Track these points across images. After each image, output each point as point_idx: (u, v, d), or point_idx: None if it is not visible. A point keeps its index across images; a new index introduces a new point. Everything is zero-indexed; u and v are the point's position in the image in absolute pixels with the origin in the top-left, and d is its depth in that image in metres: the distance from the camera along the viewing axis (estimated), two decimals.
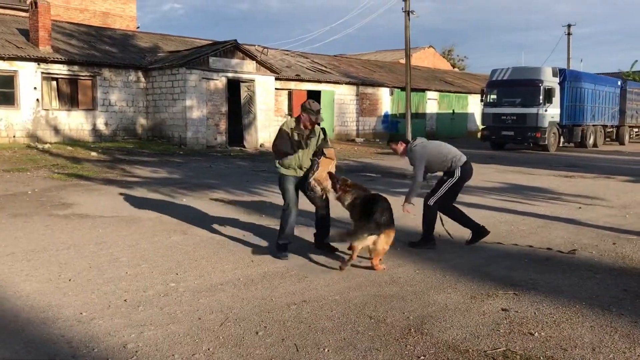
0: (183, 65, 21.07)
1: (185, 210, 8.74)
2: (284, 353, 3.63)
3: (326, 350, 3.67)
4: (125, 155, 17.80)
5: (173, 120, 21.68)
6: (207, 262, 5.78)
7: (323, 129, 6.24)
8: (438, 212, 6.51)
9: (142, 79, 22.44)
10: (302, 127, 5.99)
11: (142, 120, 22.51)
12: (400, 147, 6.58)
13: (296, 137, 5.95)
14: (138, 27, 34.16)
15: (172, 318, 4.20)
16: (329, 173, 6.05)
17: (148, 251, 6.18)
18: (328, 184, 6.02)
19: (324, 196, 6.14)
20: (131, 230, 7.28)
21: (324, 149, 6.06)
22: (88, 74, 20.83)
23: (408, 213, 6.42)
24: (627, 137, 31.19)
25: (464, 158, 6.47)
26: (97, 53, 22.05)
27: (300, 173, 6.06)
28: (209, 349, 3.67)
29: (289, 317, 4.24)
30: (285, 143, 5.95)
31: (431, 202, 6.46)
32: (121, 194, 10.40)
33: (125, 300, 4.57)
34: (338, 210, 6.49)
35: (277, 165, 6.13)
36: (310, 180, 5.96)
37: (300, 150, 5.94)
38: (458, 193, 6.63)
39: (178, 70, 21.25)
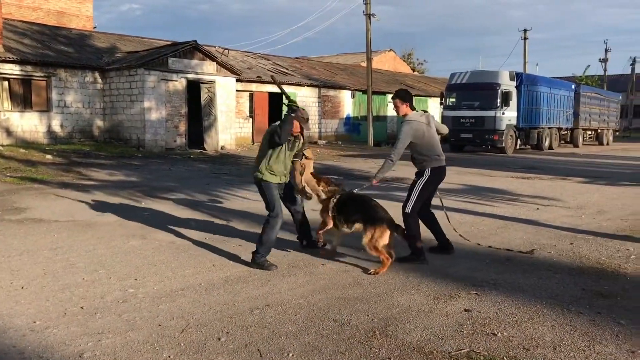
0: (141, 66, 20.67)
1: (144, 214, 8.55)
2: (248, 359, 3.55)
3: (290, 355, 3.61)
4: (81, 157, 17.35)
5: (131, 122, 21.25)
6: (167, 267, 5.65)
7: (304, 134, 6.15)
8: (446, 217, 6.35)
9: (99, 80, 21.93)
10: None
11: (99, 122, 21.99)
12: (403, 108, 6.12)
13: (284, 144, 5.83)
14: (95, 27, 33.36)
15: (131, 325, 4.07)
16: (314, 175, 6.12)
17: (105, 256, 6.01)
18: (314, 186, 6.04)
19: (308, 197, 6.18)
20: (88, 235, 7.06)
21: (303, 151, 6.06)
22: (42, 75, 20.22)
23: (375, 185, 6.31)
24: (581, 140, 32.08)
25: (441, 163, 6.16)
26: (51, 53, 21.43)
27: (284, 179, 5.95)
28: (169, 357, 3.57)
29: (252, 322, 4.17)
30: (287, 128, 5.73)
31: (407, 208, 6.05)
32: (77, 197, 10.12)
33: (81, 308, 4.41)
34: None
35: (263, 171, 5.77)
36: (299, 184, 6.00)
37: (287, 152, 5.85)
38: (431, 196, 6.36)
39: (136, 71, 20.84)
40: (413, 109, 6.21)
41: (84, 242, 6.63)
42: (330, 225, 5.97)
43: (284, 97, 6.06)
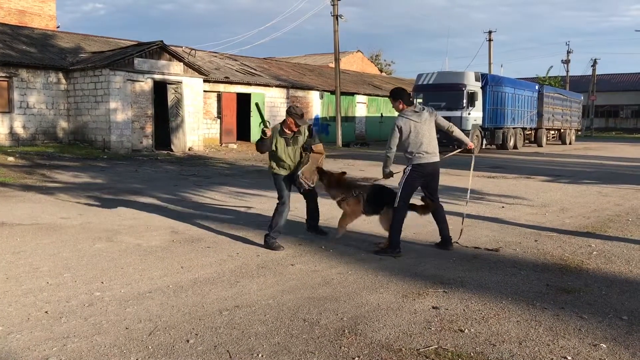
0: (107, 66, 20.36)
1: (110, 217, 8.42)
2: None
3: (260, 355, 3.60)
4: (45, 159, 16.99)
5: (96, 123, 20.90)
6: (134, 269, 5.57)
7: (309, 127, 6.69)
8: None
9: (63, 81, 21.52)
10: (286, 130, 6.44)
11: (63, 124, 21.57)
12: (397, 105, 6.36)
13: (283, 140, 6.45)
14: (58, 27, 32.70)
15: (98, 329, 4.01)
16: (318, 168, 6.51)
17: (71, 260, 5.90)
18: (315, 177, 6.49)
19: (311, 188, 6.67)
20: (52, 238, 6.92)
21: (312, 145, 6.54)
22: (3, 75, 19.75)
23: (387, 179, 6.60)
24: (544, 139, 32.76)
25: (425, 160, 6.24)
26: (13, 53, 20.93)
27: (293, 170, 6.58)
28: None
29: (221, 323, 4.14)
30: (264, 143, 6.42)
31: (395, 203, 6.27)
32: (41, 200, 9.90)
33: (46, 312, 4.32)
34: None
35: (273, 165, 6.59)
36: (298, 173, 6.43)
37: (289, 147, 6.48)
38: (431, 190, 6.47)
39: (101, 72, 20.51)
40: (410, 104, 6.40)
41: (48, 246, 6.49)
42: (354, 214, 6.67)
43: (261, 121, 6.57)
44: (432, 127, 6.38)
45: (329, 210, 7.83)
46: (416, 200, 6.61)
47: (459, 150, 7.10)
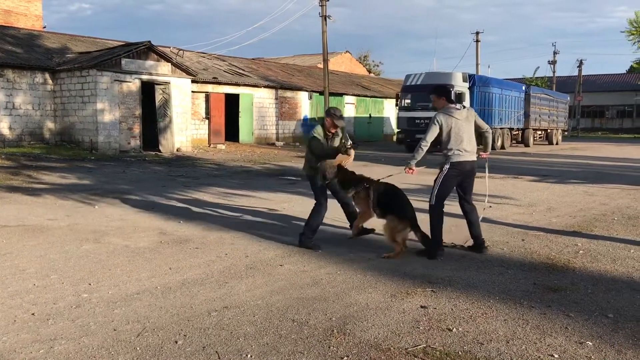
0: (94, 66, 20.23)
1: (98, 218, 8.37)
2: None
3: (249, 356, 3.60)
4: (31, 161, 16.85)
5: (83, 124, 20.76)
6: (122, 271, 5.55)
7: (342, 129, 6.90)
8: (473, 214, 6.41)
9: (50, 81, 21.35)
10: (326, 131, 6.72)
11: (50, 125, 21.40)
12: (438, 101, 6.40)
13: (326, 141, 6.74)
14: (44, 27, 32.42)
15: (85, 330, 3.98)
16: (339, 165, 6.61)
17: (58, 261, 5.85)
18: (333, 172, 6.60)
19: (328, 181, 6.77)
20: (39, 239, 6.87)
21: (347, 150, 6.65)
22: None
23: (409, 173, 6.58)
24: (531, 139, 32.97)
25: (463, 158, 6.21)
26: None
27: None
28: None
29: (210, 324, 4.13)
30: (323, 146, 6.70)
31: (431, 200, 6.30)
32: (27, 201, 9.82)
33: (32, 314, 4.29)
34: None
35: (311, 166, 6.77)
36: (321, 163, 6.60)
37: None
38: (465, 190, 6.43)
39: (88, 72, 20.37)
40: (451, 102, 6.44)
41: (34, 247, 6.44)
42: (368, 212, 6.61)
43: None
44: (472, 126, 6.39)
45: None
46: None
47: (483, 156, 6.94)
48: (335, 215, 7.46)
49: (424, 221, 6.45)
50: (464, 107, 6.50)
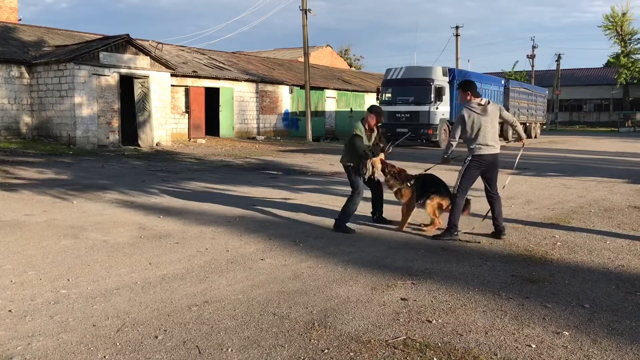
0: (71, 60, 19.93)
1: (76, 213, 8.28)
2: (186, 356, 3.52)
3: (230, 350, 3.60)
4: (7, 156, 16.57)
5: (61, 118, 20.47)
6: (101, 266, 5.50)
7: (377, 127, 7.48)
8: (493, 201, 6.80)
9: (26, 75, 20.99)
10: (367, 127, 7.29)
11: (26, 119, 21.06)
12: (463, 96, 6.73)
13: (365, 137, 7.24)
14: (20, 20, 31.84)
15: (64, 326, 3.95)
16: (382, 160, 7.32)
17: (36, 257, 5.78)
18: (378, 167, 7.31)
19: (375, 179, 7.50)
20: (16, 235, 6.77)
21: (383, 150, 7.42)
22: None
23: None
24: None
25: (485, 151, 6.62)
26: None
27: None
28: (104, 357, 3.48)
29: (190, 319, 4.12)
30: (362, 145, 7.16)
31: (454, 189, 6.74)
32: (4, 197, 9.67)
33: (10, 311, 4.24)
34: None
35: (349, 158, 7.29)
36: (366, 161, 7.14)
37: (365, 144, 7.23)
38: (489, 180, 6.83)
39: (66, 66, 20.08)
40: (477, 96, 6.74)
41: (11, 243, 6.35)
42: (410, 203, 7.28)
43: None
44: (495, 120, 6.76)
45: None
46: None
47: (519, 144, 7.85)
48: (316, 207, 7.46)
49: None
50: (489, 102, 6.80)
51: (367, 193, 7.70)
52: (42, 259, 5.71)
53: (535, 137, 37.01)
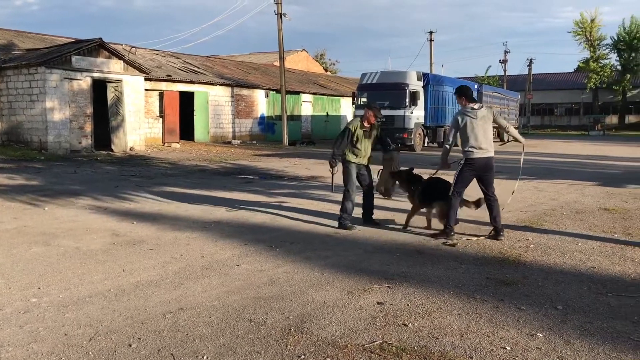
0: (42, 64, 19.62)
1: (48, 219, 8.12)
2: None
3: (205, 357, 3.56)
4: None
5: (32, 123, 20.12)
6: (73, 273, 5.40)
7: (378, 126, 7.70)
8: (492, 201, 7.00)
9: None
10: (365, 123, 7.49)
11: None
12: (461, 102, 6.94)
13: (362, 132, 7.45)
14: None
15: (34, 336, 3.86)
16: (391, 173, 7.78)
17: (5, 265, 5.65)
18: (390, 184, 7.84)
19: (383, 189, 8.25)
20: None
21: (387, 157, 8.11)
22: None
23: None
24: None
25: (477, 155, 6.79)
26: None
27: (364, 161, 7.64)
28: None
29: (165, 326, 4.07)
30: (340, 140, 7.58)
31: (450, 191, 6.95)
32: None
33: None
34: None
35: (346, 154, 7.54)
36: (378, 189, 7.68)
37: (365, 139, 7.51)
38: (486, 183, 7.01)
39: (36, 70, 19.76)
40: (472, 101, 6.93)
41: None
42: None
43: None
44: (488, 124, 6.91)
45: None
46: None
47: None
48: (292, 211, 7.44)
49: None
50: (482, 106, 6.99)
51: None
52: (12, 267, 5.59)
53: (508, 140, 37.43)
